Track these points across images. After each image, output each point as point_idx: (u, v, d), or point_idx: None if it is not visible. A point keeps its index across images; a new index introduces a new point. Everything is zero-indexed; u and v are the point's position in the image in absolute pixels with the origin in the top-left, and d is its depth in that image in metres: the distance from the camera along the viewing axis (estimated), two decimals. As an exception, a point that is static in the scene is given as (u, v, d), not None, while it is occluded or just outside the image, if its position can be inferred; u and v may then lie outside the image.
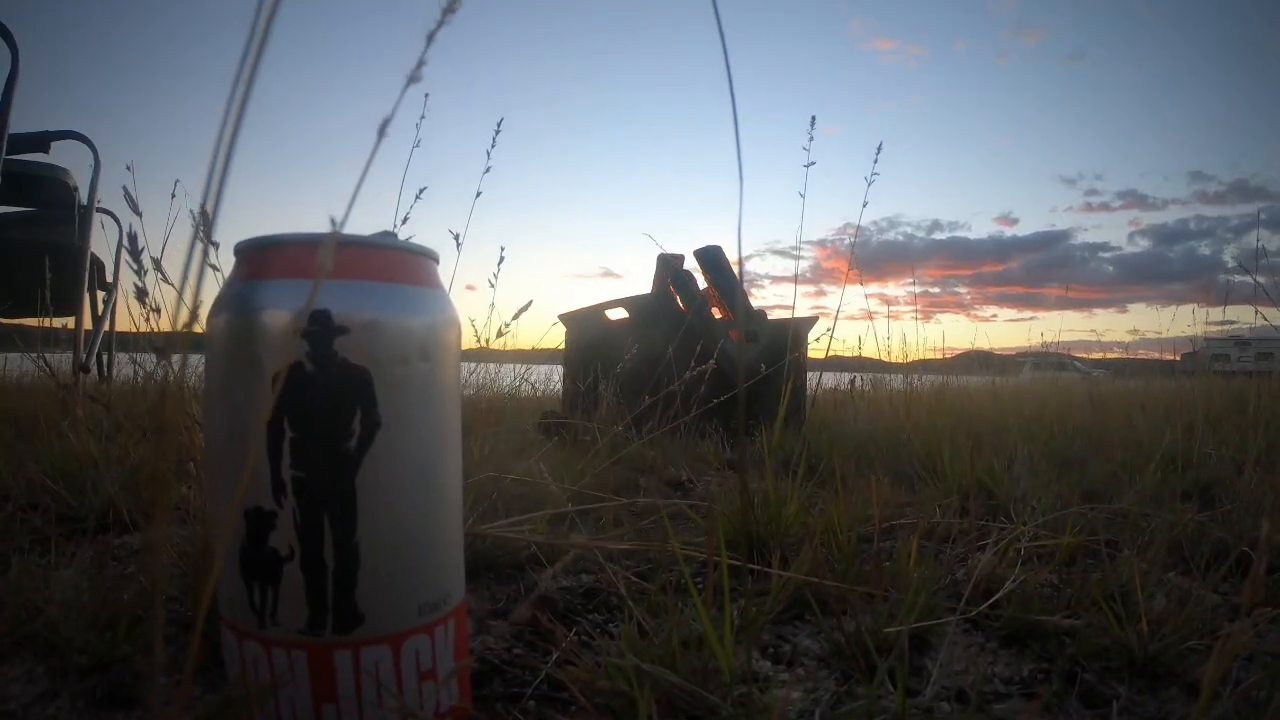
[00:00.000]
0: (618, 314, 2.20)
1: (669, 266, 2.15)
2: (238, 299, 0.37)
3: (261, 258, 0.37)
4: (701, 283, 2.13)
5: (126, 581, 0.75)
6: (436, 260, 0.42)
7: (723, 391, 1.90)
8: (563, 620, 0.65)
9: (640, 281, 2.27)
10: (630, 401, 1.81)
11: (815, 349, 2.38)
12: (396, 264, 0.38)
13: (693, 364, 1.80)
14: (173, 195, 1.07)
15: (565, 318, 2.14)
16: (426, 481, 0.39)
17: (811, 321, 2.13)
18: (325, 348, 0.35)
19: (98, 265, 2.02)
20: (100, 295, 2.08)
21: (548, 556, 0.72)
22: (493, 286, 1.38)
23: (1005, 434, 1.80)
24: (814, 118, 1.23)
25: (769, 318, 2.13)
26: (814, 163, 1.26)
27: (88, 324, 2.01)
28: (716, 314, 2.09)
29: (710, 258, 2.06)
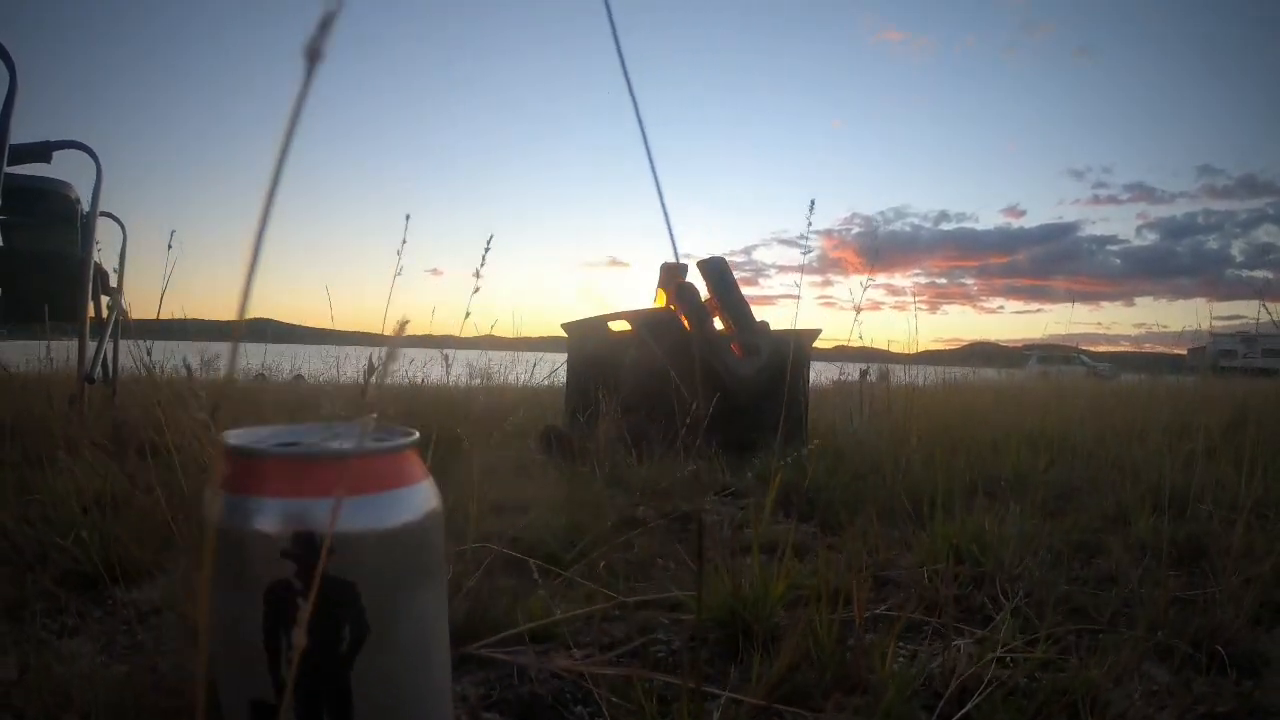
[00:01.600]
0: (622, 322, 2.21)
1: (672, 277, 2.14)
2: (229, 511, 0.38)
3: (250, 469, 0.38)
4: (704, 291, 2.13)
5: (136, 652, 0.78)
6: (417, 438, 0.43)
7: (725, 415, 1.91)
8: (551, 712, 0.67)
9: (646, 270, 2.27)
10: (631, 420, 1.82)
11: (824, 340, 2.38)
12: (379, 470, 0.40)
13: (696, 388, 1.81)
14: (169, 246, 1.07)
15: (569, 327, 2.14)
16: (417, 667, 0.41)
17: (814, 334, 2.13)
18: (310, 566, 0.37)
19: (101, 274, 2.03)
20: (104, 301, 2.10)
21: (534, 635, 0.74)
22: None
23: (1004, 455, 1.81)
24: (813, 201, 1.22)
25: (771, 329, 2.13)
26: (811, 250, 1.25)
27: (91, 330, 2.03)
28: (718, 323, 2.09)
29: (713, 270, 2.06)
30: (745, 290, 2.08)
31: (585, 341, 2.08)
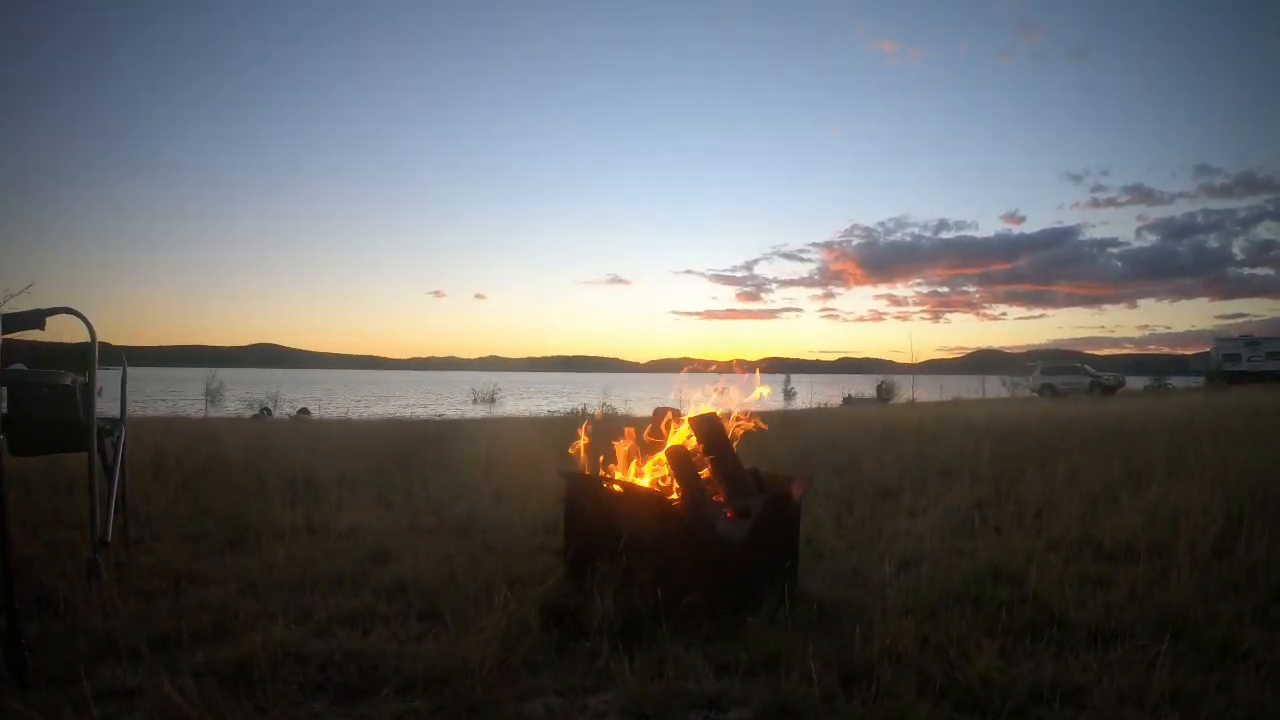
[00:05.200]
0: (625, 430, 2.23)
1: (665, 427, 2.16)
2: None
3: None
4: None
5: None
6: None
7: (715, 583, 1.99)
8: None
9: (647, 284, 2.29)
10: (627, 594, 1.91)
11: (826, 352, 2.44)
12: None
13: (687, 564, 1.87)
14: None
15: (565, 476, 2.18)
16: None
17: (806, 484, 2.16)
18: None
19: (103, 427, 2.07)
20: (108, 441, 2.14)
21: None
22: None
23: (979, 639, 1.89)
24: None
25: (761, 477, 2.16)
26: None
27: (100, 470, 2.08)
28: (704, 475, 2.12)
29: (707, 430, 2.07)
30: (748, 306, 2.09)
31: (584, 499, 2.11)
